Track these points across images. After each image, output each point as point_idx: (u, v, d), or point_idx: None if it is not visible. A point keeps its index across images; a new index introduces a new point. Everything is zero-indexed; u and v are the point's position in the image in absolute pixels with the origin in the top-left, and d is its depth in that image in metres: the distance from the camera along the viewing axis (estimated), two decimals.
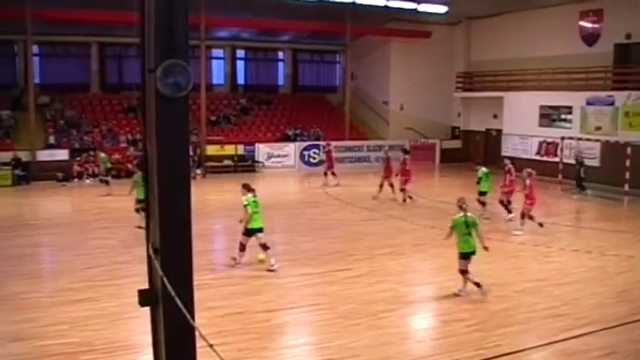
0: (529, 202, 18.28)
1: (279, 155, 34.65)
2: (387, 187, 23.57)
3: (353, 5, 33.64)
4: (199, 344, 4.57)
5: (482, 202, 20.31)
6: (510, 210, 19.85)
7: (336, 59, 43.37)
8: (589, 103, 29.47)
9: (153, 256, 4.56)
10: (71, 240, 17.37)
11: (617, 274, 14.11)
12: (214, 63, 40.16)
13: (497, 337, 10.07)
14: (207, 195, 24.84)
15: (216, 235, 18.80)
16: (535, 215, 18.40)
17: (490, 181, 20.63)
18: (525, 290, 12.70)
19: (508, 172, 20.09)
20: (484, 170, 20.58)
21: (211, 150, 33.54)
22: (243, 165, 33.61)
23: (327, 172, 28.56)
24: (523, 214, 18.41)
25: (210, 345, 4.36)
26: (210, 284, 12.27)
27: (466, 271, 12.20)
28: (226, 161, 33.65)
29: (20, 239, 17.20)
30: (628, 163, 25.30)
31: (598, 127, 28.85)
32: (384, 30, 38.12)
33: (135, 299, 4.76)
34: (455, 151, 38.79)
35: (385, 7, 33.72)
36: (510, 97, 34.18)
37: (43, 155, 31.00)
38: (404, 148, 27.53)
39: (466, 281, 12.26)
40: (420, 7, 34.12)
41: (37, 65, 35.09)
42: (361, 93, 40.57)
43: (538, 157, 31.55)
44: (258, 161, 34.20)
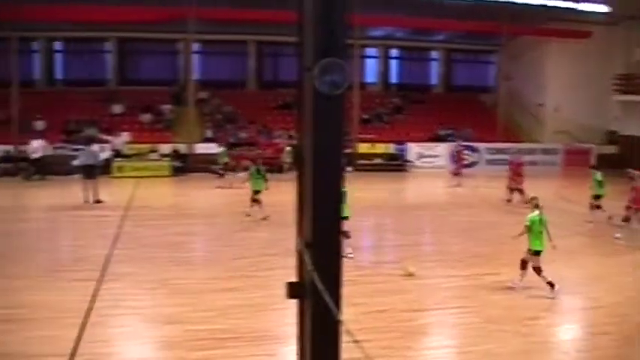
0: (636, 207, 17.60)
1: (430, 155, 34.34)
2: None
3: (510, 5, 32.80)
4: (344, 339, 4.61)
5: (596, 206, 19.77)
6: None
7: (491, 59, 42.48)
8: None
9: (303, 250, 4.64)
10: (222, 231, 18.04)
11: None
12: (368, 62, 40.40)
13: None
14: (357, 192, 24.98)
15: (364, 232, 18.90)
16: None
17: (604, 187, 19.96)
18: None
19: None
20: (598, 177, 20.04)
21: (363, 148, 33.77)
22: (393, 164, 33.59)
23: (457, 173, 28.49)
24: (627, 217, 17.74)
25: (357, 341, 4.39)
26: (356, 280, 12.34)
27: (540, 269, 12.10)
28: (377, 160, 33.75)
29: (177, 227, 18.07)
30: None
31: None
32: (541, 30, 36.75)
33: (281, 291, 4.86)
34: (611, 157, 36.84)
35: (543, 6, 32.72)
36: None
37: (200, 148, 32.30)
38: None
39: (524, 275, 12.33)
40: (580, 7, 32.80)
41: (197, 62, 36.61)
42: (515, 94, 39.44)
43: None
44: (408, 161, 34.08)
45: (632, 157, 35.37)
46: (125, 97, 36.32)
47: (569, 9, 32.94)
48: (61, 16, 32.16)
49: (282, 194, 19.52)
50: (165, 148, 31.99)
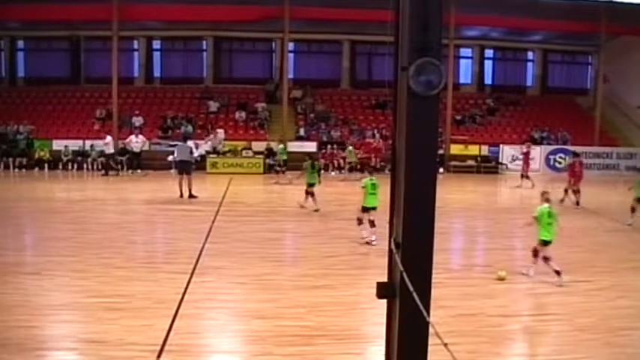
0: None
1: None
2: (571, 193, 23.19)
3: (609, 4, 31.76)
4: (431, 342, 4.58)
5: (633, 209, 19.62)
6: None
7: (588, 60, 41.30)
8: None
9: (394, 251, 4.64)
10: (314, 228, 18.20)
11: None
12: (462, 62, 39.97)
13: None
14: (449, 194, 24.77)
15: (455, 235, 18.70)
16: None
17: None
18: None
19: None
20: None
21: (455, 149, 33.44)
22: (486, 166, 33.14)
23: (523, 175, 28.29)
24: None
25: (445, 344, 4.36)
26: (446, 283, 12.21)
27: (549, 258, 13.04)
28: (469, 161, 33.38)
29: (269, 224, 18.33)
30: None
31: None
32: None
33: (370, 290, 4.87)
34: None
35: None
36: None
37: (293, 146, 32.64)
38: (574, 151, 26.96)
39: (536, 263, 13.25)
40: None
41: (291, 61, 37.01)
42: (614, 97, 38.23)
43: None
44: (501, 163, 33.53)
45: None
46: (220, 95, 37.08)
47: None
48: (160, 16, 33.11)
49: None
50: (259, 146, 32.48)
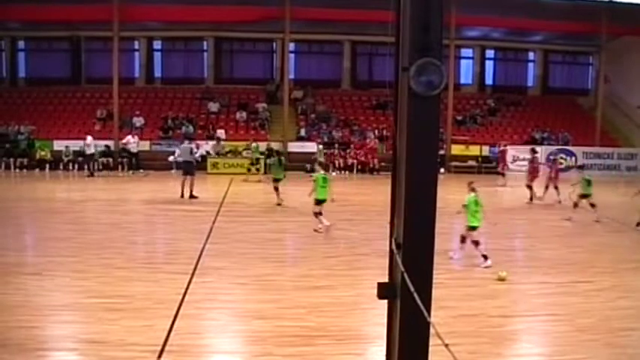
0: None
1: (524, 158, 33.62)
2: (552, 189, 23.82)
3: (609, 4, 31.74)
4: (432, 342, 4.58)
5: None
6: None
7: (589, 61, 41.29)
8: None
9: (395, 251, 4.64)
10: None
11: None
12: (463, 62, 39.99)
13: None
14: (449, 194, 24.73)
15: (455, 235, 18.65)
16: None
17: None
18: None
19: None
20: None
21: (456, 150, 33.43)
22: (487, 166, 33.13)
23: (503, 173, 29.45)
24: None
25: (446, 344, 4.35)
26: (446, 284, 12.21)
27: (478, 242, 14.15)
28: (470, 162, 33.38)
29: (270, 224, 18.35)
30: None
31: None
32: None
33: (371, 291, 4.87)
34: None
35: None
36: None
37: (294, 147, 32.65)
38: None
39: (463, 249, 14.48)
40: None
41: (292, 62, 37.01)
42: (615, 97, 38.24)
43: None
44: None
45: None
46: (221, 96, 37.11)
47: None
48: (161, 16, 33.14)
49: (374, 194, 19.65)
50: (260, 146, 32.48)
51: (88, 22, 33.83)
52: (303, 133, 34.80)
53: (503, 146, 30.33)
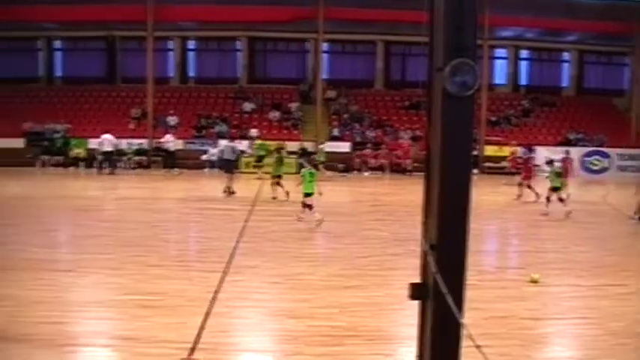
0: None
1: (559, 160, 33.29)
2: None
3: None
4: (464, 343, 4.56)
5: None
6: None
7: (625, 61, 40.72)
8: None
9: (428, 252, 4.63)
10: (346, 228, 18.16)
11: None
12: (497, 63, 39.72)
13: None
14: (483, 195, 24.59)
15: (488, 236, 18.57)
16: None
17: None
18: None
19: None
20: None
21: (490, 150, 33.19)
22: (520, 168, 32.82)
23: (523, 183, 25.28)
24: None
25: (478, 346, 4.33)
26: (478, 285, 12.11)
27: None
28: (504, 163, 33.10)
29: (302, 223, 18.35)
30: None
31: None
32: None
33: (401, 291, 4.85)
34: None
35: None
36: None
37: (326, 146, 32.65)
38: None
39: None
40: None
41: (325, 61, 37.04)
42: None
43: None
44: (536, 165, 33.20)
45: None
46: (254, 95, 37.26)
47: None
48: (194, 16, 33.38)
49: (406, 195, 19.60)
50: (293, 145, 32.54)
51: (122, 22, 34.21)
52: (336, 132, 34.83)
53: (528, 154, 29.05)
